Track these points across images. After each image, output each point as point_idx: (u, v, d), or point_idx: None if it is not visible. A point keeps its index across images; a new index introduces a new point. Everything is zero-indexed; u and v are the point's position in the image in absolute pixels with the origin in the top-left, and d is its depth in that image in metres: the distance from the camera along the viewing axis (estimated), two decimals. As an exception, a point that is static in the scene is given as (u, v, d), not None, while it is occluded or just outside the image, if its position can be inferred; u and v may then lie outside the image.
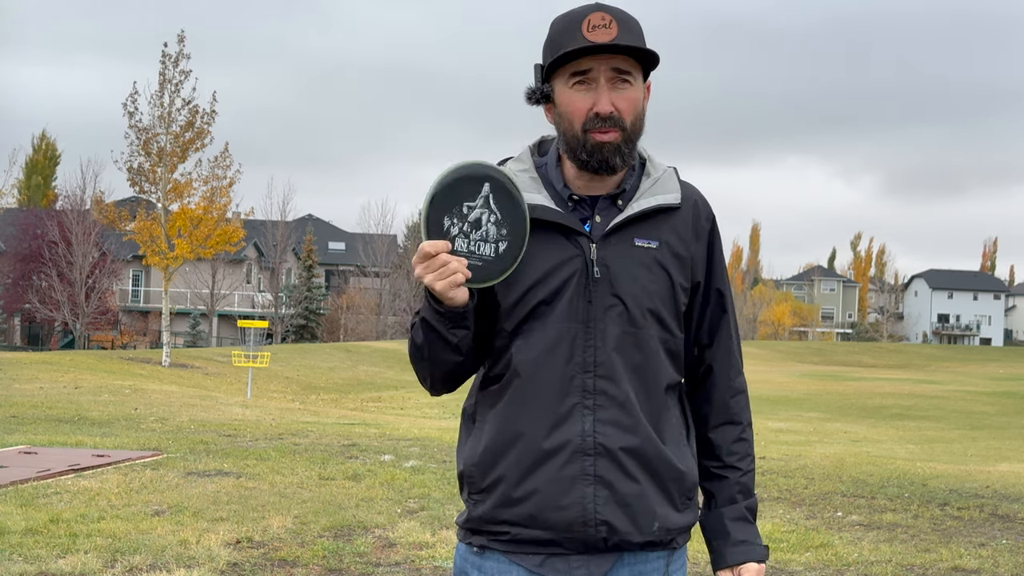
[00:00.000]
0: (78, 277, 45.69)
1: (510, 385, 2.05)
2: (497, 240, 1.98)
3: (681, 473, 2.06)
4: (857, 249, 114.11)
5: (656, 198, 2.08)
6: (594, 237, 2.04)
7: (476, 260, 1.97)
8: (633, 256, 2.05)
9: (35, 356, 29.01)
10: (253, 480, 8.58)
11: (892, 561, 6.33)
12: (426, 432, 13.74)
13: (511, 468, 2.02)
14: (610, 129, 2.01)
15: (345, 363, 37.76)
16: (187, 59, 29.22)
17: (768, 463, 10.92)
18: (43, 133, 69.74)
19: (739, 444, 2.16)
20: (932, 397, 31.44)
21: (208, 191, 29.59)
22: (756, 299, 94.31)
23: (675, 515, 2.07)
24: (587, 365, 2.02)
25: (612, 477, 2.00)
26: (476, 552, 2.09)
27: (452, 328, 2.00)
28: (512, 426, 2.03)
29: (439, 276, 1.93)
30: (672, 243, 2.08)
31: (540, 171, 2.12)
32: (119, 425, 13.17)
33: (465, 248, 1.97)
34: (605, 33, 1.98)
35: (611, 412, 2.01)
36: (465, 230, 1.97)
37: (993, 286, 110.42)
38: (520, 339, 2.05)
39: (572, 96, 2.03)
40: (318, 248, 66.12)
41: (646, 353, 2.05)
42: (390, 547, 6.34)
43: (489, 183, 1.97)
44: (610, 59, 2.00)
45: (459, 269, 1.93)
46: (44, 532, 6.34)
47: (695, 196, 2.15)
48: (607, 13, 2.00)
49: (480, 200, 1.97)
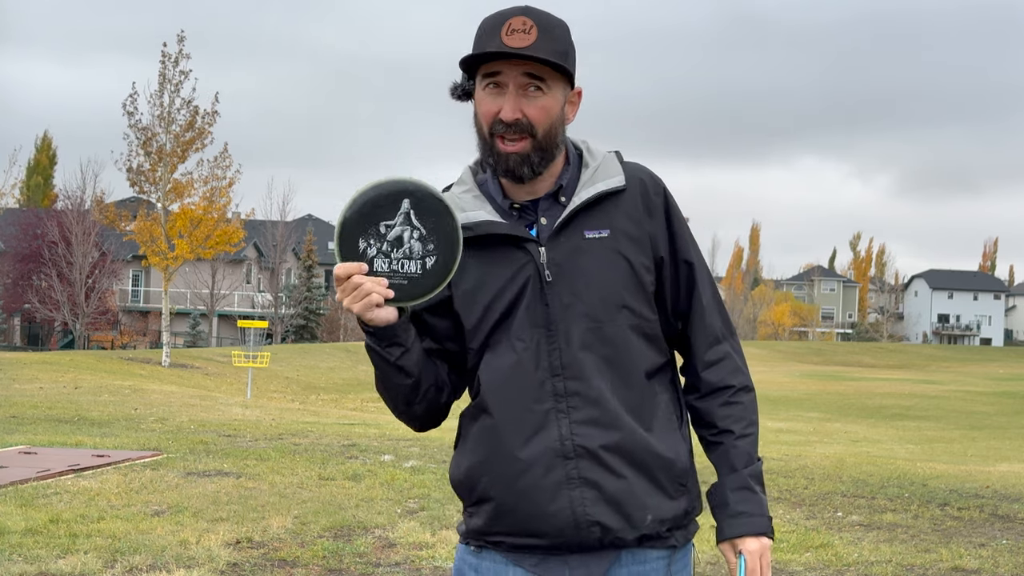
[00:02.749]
0: (78, 277, 45.69)
1: (485, 400, 2.04)
2: (424, 256, 1.94)
3: (669, 461, 2.03)
4: (857, 249, 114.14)
5: (597, 186, 2.05)
6: (542, 239, 2.02)
7: (400, 279, 1.94)
8: (585, 249, 2.02)
9: (35, 356, 29.01)
10: (253, 480, 8.58)
11: (892, 561, 6.33)
12: (426, 432, 13.73)
13: (495, 483, 2.02)
14: (518, 138, 1.99)
15: (345, 363, 37.75)
16: (187, 59, 29.27)
17: (768, 463, 10.92)
18: (44, 133, 69.90)
19: (729, 407, 2.09)
20: (932, 397, 31.45)
21: (208, 191, 29.60)
22: (756, 299, 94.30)
23: (668, 504, 2.03)
24: (555, 368, 2.00)
25: (597, 476, 1.98)
26: (474, 552, 2.09)
27: (386, 347, 1.99)
28: (491, 440, 2.03)
29: (353, 299, 1.91)
30: (624, 227, 2.05)
31: (482, 188, 2.09)
32: (119, 425, 13.17)
33: (387, 268, 1.93)
34: (522, 38, 1.95)
35: (586, 411, 1.99)
36: (384, 250, 1.93)
37: (993, 286, 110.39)
38: (488, 354, 2.04)
39: (483, 97, 2.01)
40: (318, 248, 66.08)
41: (616, 345, 2.02)
42: (390, 547, 6.34)
43: (408, 199, 1.93)
44: (522, 65, 1.97)
45: (373, 290, 1.91)
46: (44, 532, 6.34)
47: (640, 174, 2.10)
48: (529, 18, 1.97)
49: (400, 217, 1.93)
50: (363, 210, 1.93)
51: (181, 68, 29.14)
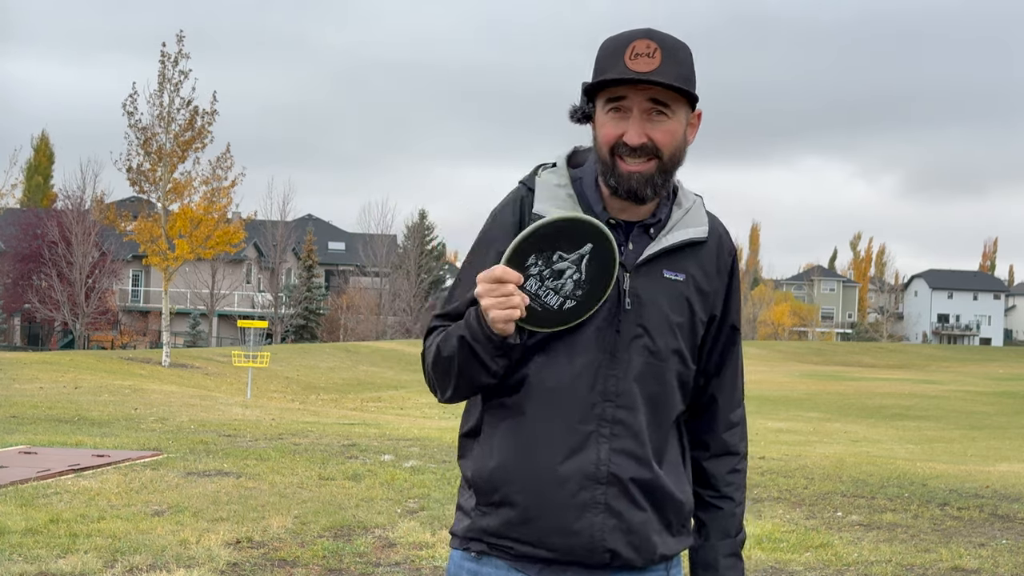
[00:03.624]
0: (78, 277, 45.69)
1: (527, 403, 2.03)
2: (568, 297, 1.96)
3: (680, 502, 2.09)
4: (857, 249, 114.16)
5: (688, 231, 2.07)
6: (627, 266, 2.03)
7: (538, 304, 1.95)
8: (661, 288, 2.05)
9: (35, 356, 29.01)
10: (253, 480, 8.58)
11: (892, 561, 6.33)
12: (426, 432, 13.74)
13: (523, 489, 2.01)
14: (644, 159, 1.98)
15: (345, 363, 37.75)
16: (187, 59, 29.27)
17: (768, 463, 10.92)
18: (43, 133, 69.91)
19: (735, 475, 2.19)
20: (932, 397, 31.44)
21: (209, 192, 29.61)
22: (756, 299, 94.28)
23: (672, 541, 2.09)
24: (608, 394, 2.01)
25: (621, 507, 2.00)
26: (474, 558, 2.07)
27: (495, 356, 1.97)
28: (527, 446, 2.02)
29: (499, 304, 1.90)
30: (697, 277, 2.08)
31: (575, 184, 2.09)
32: (119, 425, 13.17)
33: (534, 289, 1.95)
34: (647, 63, 1.94)
35: (625, 442, 2.01)
36: (545, 274, 1.94)
37: (993, 286, 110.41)
38: (541, 357, 2.03)
39: (605, 121, 2.00)
40: (318, 248, 66.12)
41: (663, 385, 2.06)
42: (390, 547, 6.35)
43: (592, 244, 1.94)
44: (648, 90, 1.96)
45: (519, 305, 1.91)
46: (44, 532, 6.34)
47: (720, 230, 2.15)
48: (653, 41, 1.96)
49: (575, 256, 1.94)
50: (553, 232, 1.93)
51: (181, 68, 29.14)
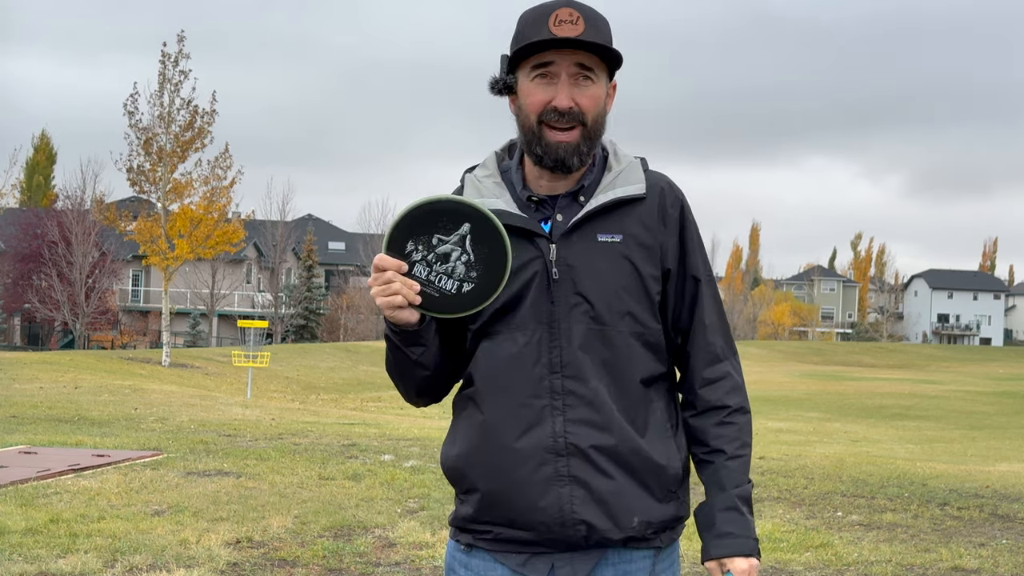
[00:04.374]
0: (78, 277, 45.68)
1: (479, 389, 2.06)
2: (463, 280, 1.96)
3: (659, 466, 2.04)
4: (858, 249, 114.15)
5: (616, 191, 2.07)
6: (554, 236, 2.04)
7: (433, 290, 1.96)
8: (596, 252, 2.04)
9: (35, 356, 29.00)
10: (253, 480, 8.58)
11: (892, 561, 6.33)
12: (426, 432, 13.74)
13: (486, 472, 2.04)
14: (569, 127, 2.01)
15: (345, 363, 37.75)
16: (187, 59, 29.28)
17: (768, 463, 10.92)
18: (43, 132, 69.84)
19: (723, 427, 2.10)
20: (932, 397, 31.44)
21: (208, 191, 29.61)
22: (756, 299, 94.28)
23: (656, 507, 2.05)
24: (554, 366, 2.02)
25: (586, 475, 2.00)
26: (464, 550, 2.11)
27: (408, 345, 2.02)
28: (484, 430, 2.04)
29: (380, 293, 1.95)
30: (637, 234, 2.06)
31: (505, 175, 2.11)
32: (119, 425, 13.17)
33: (424, 275, 1.96)
34: (571, 28, 1.99)
35: (581, 411, 2.01)
36: (429, 259, 1.95)
37: (993, 286, 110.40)
38: (486, 342, 2.07)
39: (532, 88, 2.03)
40: (318, 248, 66.10)
41: (615, 349, 2.04)
42: (390, 547, 6.35)
43: (471, 224, 1.94)
44: (573, 55, 2.01)
45: (401, 291, 1.94)
46: (44, 532, 6.35)
47: (662, 183, 2.12)
48: (575, 9, 2.01)
49: (455, 237, 1.95)
50: (424, 217, 1.95)
51: (181, 68, 29.17)
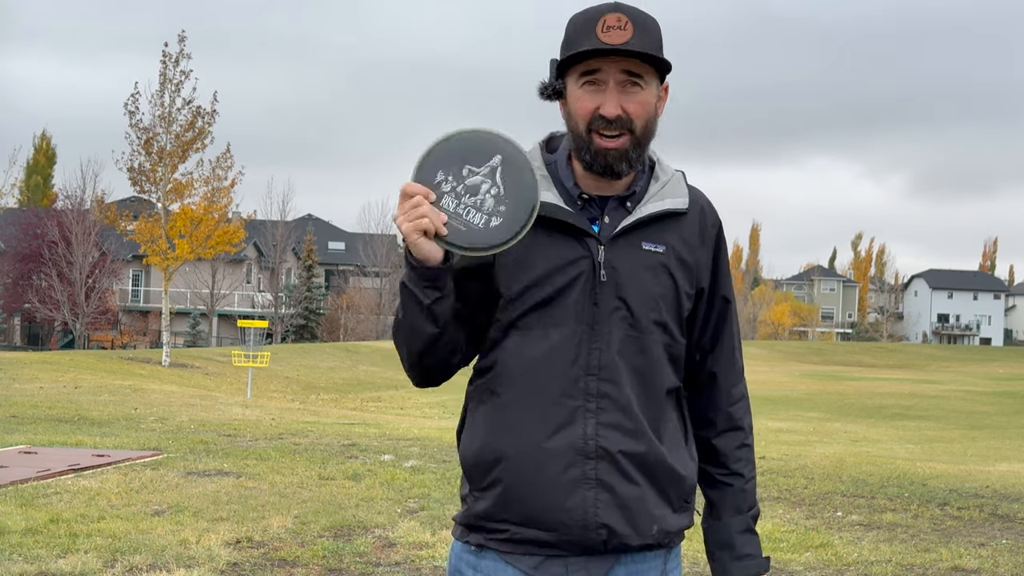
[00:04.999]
0: (78, 277, 45.69)
1: (508, 382, 2.03)
2: (492, 214, 1.91)
3: (680, 477, 2.07)
4: (858, 249, 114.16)
5: (665, 202, 2.07)
6: (602, 239, 2.03)
7: (460, 223, 1.90)
8: (640, 260, 2.04)
9: (35, 356, 29.00)
10: (253, 480, 8.58)
11: (892, 561, 6.33)
12: (426, 432, 13.74)
13: (511, 468, 2.01)
14: (618, 134, 2.00)
15: (345, 363, 37.75)
16: (188, 59, 29.30)
17: (768, 463, 10.92)
18: (43, 132, 69.86)
19: (742, 450, 2.18)
20: (932, 397, 31.44)
21: (209, 191, 29.62)
22: (756, 299, 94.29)
23: (672, 518, 2.07)
24: (591, 368, 2.01)
25: (613, 480, 1.99)
26: (473, 551, 2.08)
27: (425, 287, 1.95)
28: (512, 425, 2.01)
29: (406, 218, 1.89)
30: (678, 248, 2.08)
31: (550, 168, 2.10)
32: (119, 425, 13.17)
33: (452, 208, 1.90)
34: (619, 35, 1.96)
35: (613, 415, 2.00)
36: (459, 191, 1.90)
37: (993, 286, 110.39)
38: (517, 334, 2.03)
39: (580, 95, 2.01)
40: (318, 248, 66.12)
41: (648, 357, 2.04)
42: (390, 547, 6.35)
43: (502, 155, 1.91)
44: (621, 61, 1.98)
45: (428, 215, 1.88)
46: (44, 532, 6.35)
47: (702, 202, 2.14)
48: (623, 14, 1.98)
49: (486, 169, 1.91)
50: (455, 146, 1.91)
51: (182, 68, 29.18)
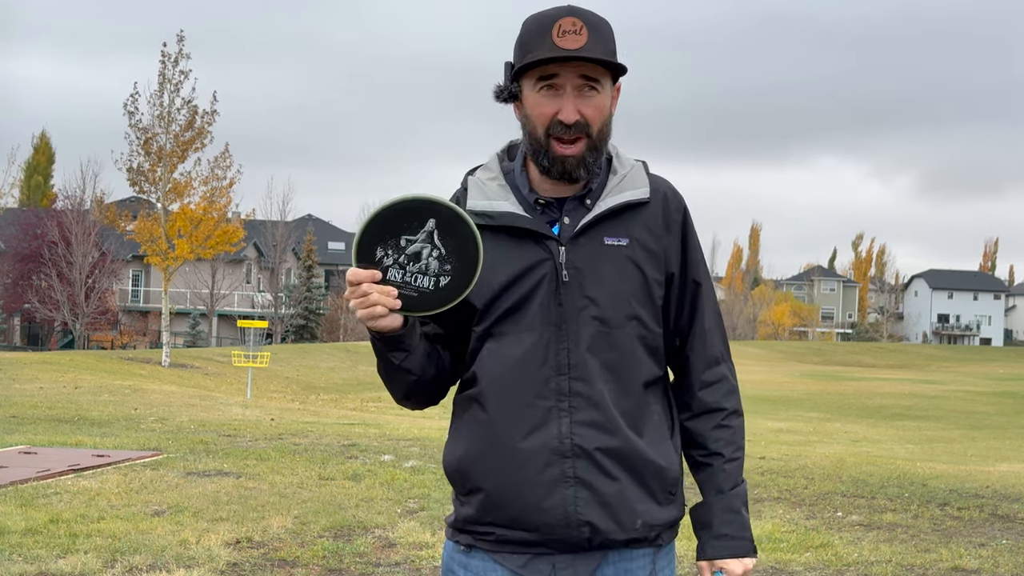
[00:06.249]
0: (78, 277, 45.67)
1: (484, 389, 2.06)
2: (439, 274, 1.96)
3: (661, 468, 2.06)
4: (858, 249, 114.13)
5: (624, 195, 2.08)
6: (563, 239, 2.04)
7: (411, 291, 1.96)
8: (603, 255, 2.05)
9: (35, 356, 29.00)
10: (253, 480, 8.58)
11: (892, 561, 6.33)
12: (426, 432, 13.74)
13: (491, 473, 2.04)
14: (574, 139, 2.01)
15: (345, 363, 37.75)
16: (187, 59, 29.30)
17: (768, 463, 10.92)
18: (43, 132, 69.81)
19: (721, 430, 2.14)
20: (932, 397, 31.45)
21: (208, 191, 29.63)
22: (756, 299, 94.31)
23: (657, 510, 2.07)
24: (561, 367, 2.03)
25: (591, 477, 2.00)
26: (463, 550, 2.11)
27: (391, 351, 2.01)
28: (489, 431, 2.04)
29: (358, 305, 1.94)
30: (643, 238, 2.08)
31: (508, 177, 2.11)
32: (119, 425, 13.17)
33: (399, 278, 1.95)
34: (575, 40, 1.97)
35: (587, 413, 2.02)
36: (401, 261, 1.95)
37: (993, 286, 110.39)
38: (492, 342, 2.06)
39: (538, 100, 2.02)
40: (318, 248, 66.09)
41: (620, 351, 2.05)
42: (390, 547, 6.35)
43: (435, 219, 1.94)
44: (578, 67, 1.99)
45: (379, 301, 1.93)
46: (44, 532, 6.34)
47: (664, 189, 2.14)
48: (578, 18, 1.98)
49: (422, 235, 1.95)
50: (386, 221, 1.94)
51: (181, 68, 29.18)
